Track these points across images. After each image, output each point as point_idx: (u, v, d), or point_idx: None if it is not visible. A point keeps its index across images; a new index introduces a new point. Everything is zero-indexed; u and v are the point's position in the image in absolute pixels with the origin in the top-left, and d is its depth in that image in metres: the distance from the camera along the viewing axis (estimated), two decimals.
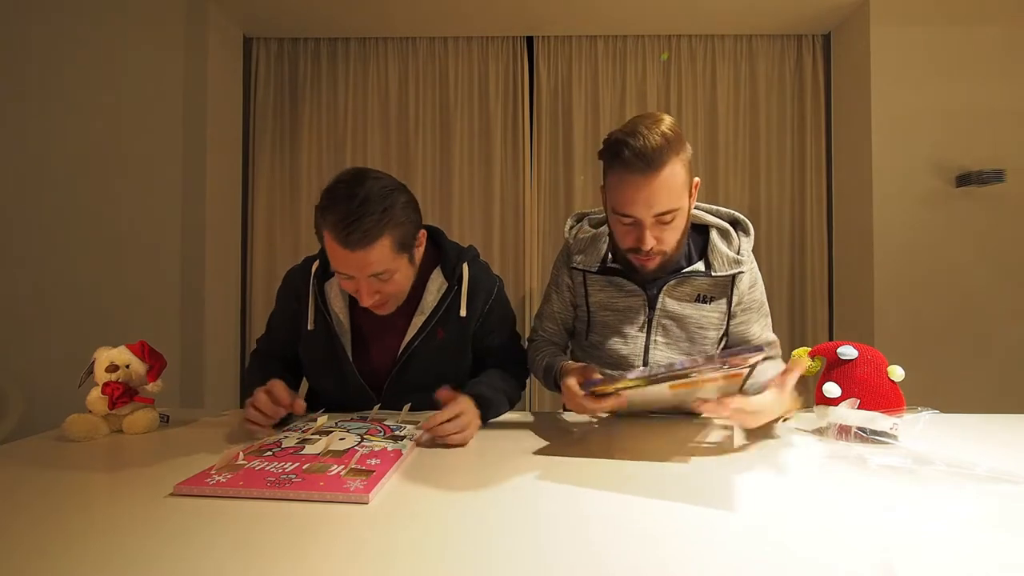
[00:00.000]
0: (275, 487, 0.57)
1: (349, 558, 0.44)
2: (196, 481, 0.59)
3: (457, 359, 1.03)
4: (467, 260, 1.02)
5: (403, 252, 0.88)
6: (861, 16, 2.21)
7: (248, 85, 2.49)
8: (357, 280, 0.86)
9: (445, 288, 0.99)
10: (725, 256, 0.99)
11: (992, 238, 2.10)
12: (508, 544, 0.47)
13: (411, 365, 0.99)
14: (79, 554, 0.45)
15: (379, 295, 0.89)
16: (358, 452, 0.69)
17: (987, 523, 0.51)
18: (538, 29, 2.45)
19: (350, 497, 0.55)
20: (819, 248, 2.45)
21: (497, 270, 2.47)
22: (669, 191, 0.85)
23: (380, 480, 0.59)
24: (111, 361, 0.87)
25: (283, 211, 2.49)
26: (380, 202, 0.83)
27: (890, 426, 0.77)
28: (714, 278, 0.99)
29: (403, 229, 0.87)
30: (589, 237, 1.06)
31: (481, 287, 1.02)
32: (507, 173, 2.48)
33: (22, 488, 0.61)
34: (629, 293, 1.03)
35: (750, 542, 0.47)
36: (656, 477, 0.64)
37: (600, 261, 1.04)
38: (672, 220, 0.88)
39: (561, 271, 1.10)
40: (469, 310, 0.99)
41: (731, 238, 1.02)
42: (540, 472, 0.66)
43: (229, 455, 0.65)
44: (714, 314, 1.02)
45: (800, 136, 2.46)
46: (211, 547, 0.46)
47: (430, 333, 0.98)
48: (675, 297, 1.01)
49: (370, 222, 0.81)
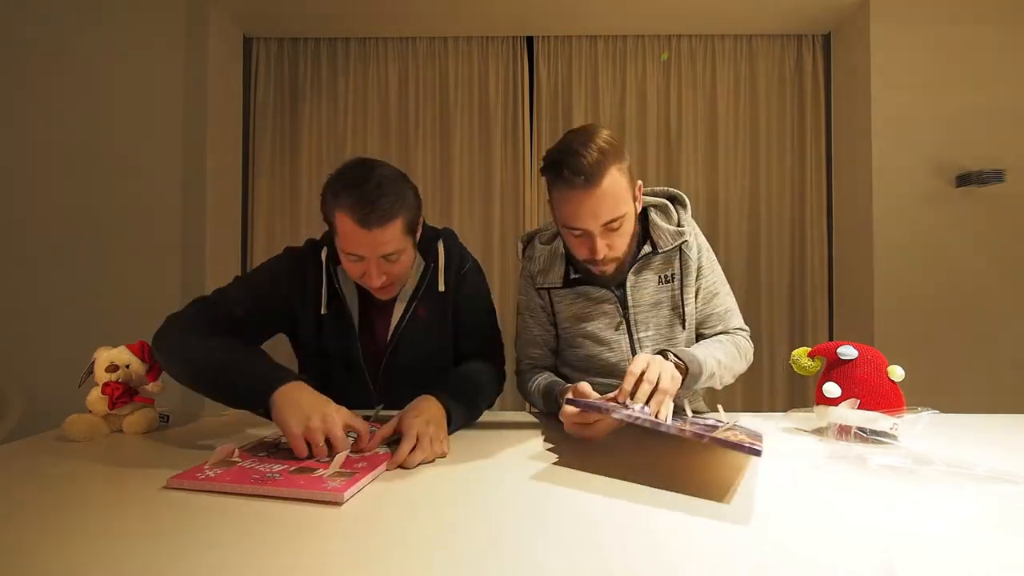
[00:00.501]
0: (257, 484, 0.58)
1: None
2: (188, 475, 0.61)
3: (442, 337, 1.06)
4: (443, 237, 1.06)
5: (410, 235, 0.92)
6: (861, 16, 2.21)
7: (248, 85, 2.49)
8: (367, 262, 0.88)
9: (423, 267, 1.02)
10: (666, 231, 1.01)
11: (992, 238, 2.10)
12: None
13: (401, 348, 1.02)
14: (79, 553, 0.45)
15: (387, 276, 0.92)
16: (344, 454, 0.68)
17: (987, 523, 0.51)
18: (538, 29, 2.45)
19: (324, 496, 0.55)
20: (819, 248, 2.45)
21: (497, 270, 2.48)
22: (613, 200, 0.88)
23: (358, 482, 0.59)
24: (111, 361, 0.87)
25: (283, 211, 2.49)
26: (394, 185, 0.88)
27: (890, 426, 0.77)
28: (663, 253, 1.01)
29: (413, 213, 0.92)
30: (546, 255, 1.07)
31: (455, 260, 1.05)
32: (507, 173, 2.48)
33: (22, 488, 0.61)
34: (599, 300, 1.04)
35: (750, 542, 0.47)
36: (652, 476, 0.64)
37: (563, 276, 1.05)
38: (620, 227, 0.91)
39: (529, 294, 1.10)
40: (446, 282, 1.03)
41: (670, 213, 1.04)
42: (526, 475, 0.66)
43: (224, 451, 0.66)
44: (679, 291, 1.04)
45: (800, 136, 2.46)
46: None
47: (413, 313, 1.01)
48: (641, 286, 1.03)
49: (387, 202, 0.85)
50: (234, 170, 2.43)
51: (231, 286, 0.98)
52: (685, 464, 0.70)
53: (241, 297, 0.95)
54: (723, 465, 0.69)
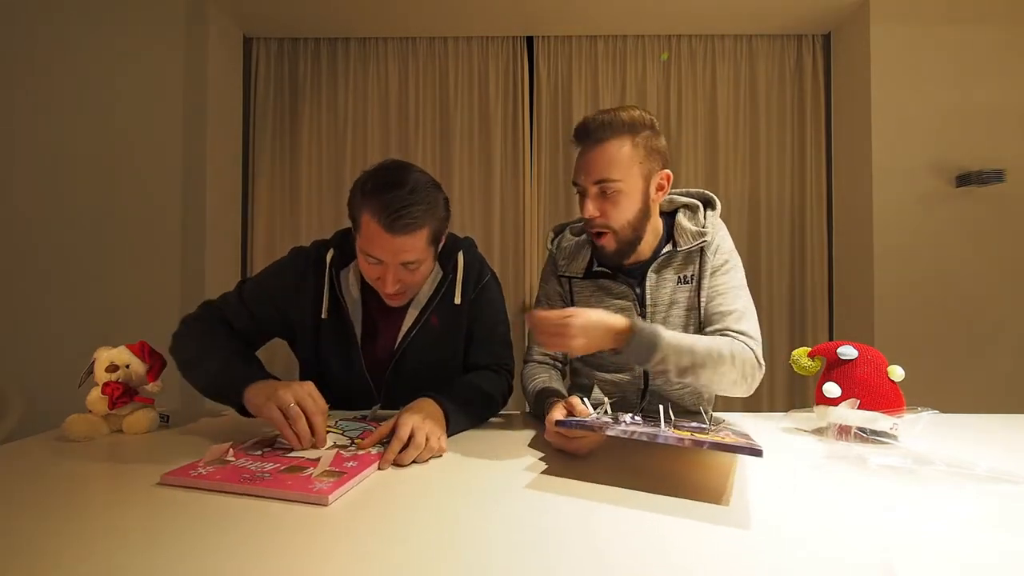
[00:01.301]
0: (245, 483, 0.58)
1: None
2: (181, 472, 0.61)
3: (453, 347, 1.04)
4: (463, 248, 1.04)
5: (433, 245, 0.91)
6: (861, 16, 2.21)
7: (248, 85, 2.49)
8: (385, 267, 0.87)
9: (440, 277, 1.01)
10: (689, 231, 1.00)
11: (992, 238, 2.10)
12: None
13: (408, 355, 1.00)
14: (79, 553, 0.45)
15: (401, 284, 0.90)
16: (334, 452, 0.68)
17: (987, 523, 0.51)
18: (538, 29, 2.45)
19: (309, 498, 0.55)
20: (819, 248, 2.45)
21: (497, 270, 2.46)
22: (608, 163, 0.92)
23: (345, 484, 0.59)
24: (111, 361, 0.87)
25: (283, 211, 2.49)
26: (427, 193, 0.86)
27: (890, 426, 0.77)
28: (683, 251, 1.00)
29: (440, 224, 0.90)
30: (573, 245, 1.09)
31: (473, 273, 1.04)
32: (507, 173, 2.48)
33: (22, 488, 0.61)
34: (618, 294, 1.03)
35: (750, 542, 0.47)
36: (652, 476, 0.64)
37: (586, 267, 1.06)
38: (614, 195, 0.93)
39: (550, 281, 1.11)
40: (463, 296, 1.01)
41: (697, 214, 1.03)
42: (521, 477, 0.66)
43: (219, 450, 0.66)
44: (695, 292, 1.02)
45: (800, 136, 2.46)
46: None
47: (425, 322, 0.99)
48: (661, 285, 1.02)
49: (418, 211, 0.84)
50: (234, 170, 2.43)
51: (233, 293, 1.00)
52: (682, 467, 0.70)
53: (238, 306, 0.98)
54: (716, 466, 0.69)
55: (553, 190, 2.48)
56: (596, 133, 0.92)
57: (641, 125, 0.94)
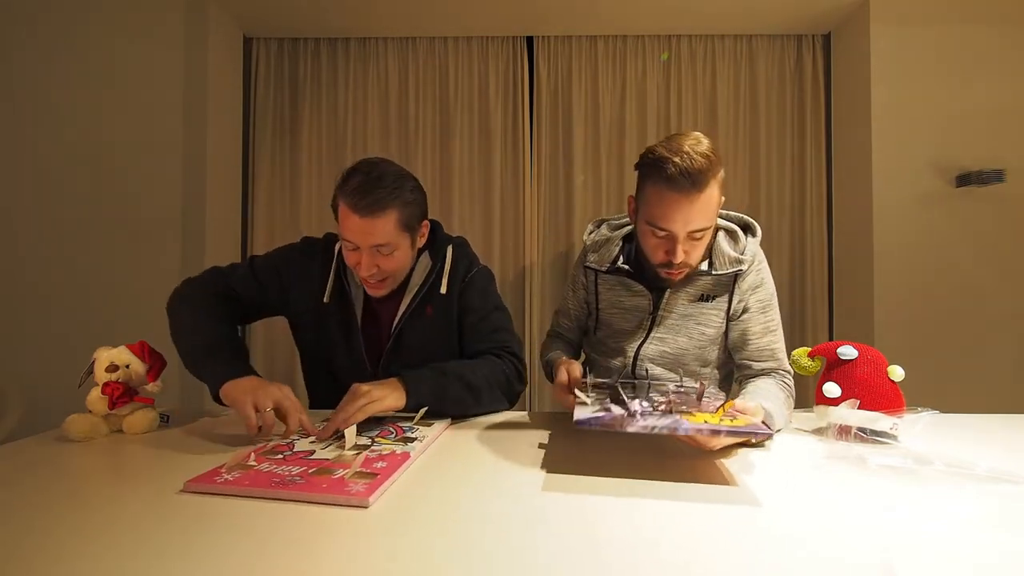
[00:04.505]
0: (279, 487, 0.58)
1: (347, 561, 0.44)
2: (206, 479, 0.60)
3: (446, 338, 1.08)
4: (453, 244, 1.12)
5: (406, 231, 0.97)
6: (861, 16, 2.21)
7: (248, 85, 2.49)
8: (360, 251, 0.94)
9: (430, 268, 1.07)
10: (727, 256, 1.01)
11: (992, 238, 2.10)
12: (508, 552, 0.46)
13: (403, 342, 1.05)
14: (79, 553, 0.45)
15: (377, 269, 0.95)
16: (363, 455, 0.69)
17: (987, 523, 0.51)
18: (538, 29, 2.45)
19: (350, 500, 0.55)
20: (819, 248, 2.44)
21: (497, 270, 2.48)
22: (705, 210, 0.89)
23: (382, 484, 0.59)
24: (111, 361, 0.87)
25: (283, 211, 2.49)
26: (393, 180, 0.94)
27: (890, 426, 0.77)
28: (715, 276, 1.02)
29: (410, 209, 0.96)
30: (604, 239, 1.12)
31: (462, 265, 1.09)
32: (507, 173, 2.48)
33: (22, 488, 0.61)
34: (636, 293, 1.08)
35: (750, 542, 0.47)
36: (656, 478, 0.64)
37: (611, 262, 1.08)
38: (703, 237, 0.92)
39: (578, 270, 1.18)
40: (449, 287, 1.06)
41: (737, 239, 1.04)
42: (545, 477, 0.66)
43: (240, 455, 0.66)
44: (714, 312, 1.04)
45: (800, 136, 2.46)
46: (215, 544, 0.46)
47: (418, 310, 1.05)
48: (679, 298, 1.05)
49: (383, 193, 0.91)
50: (234, 170, 2.42)
51: (243, 264, 1.09)
52: (689, 464, 0.70)
53: (247, 277, 1.06)
54: (723, 465, 0.69)
55: (553, 190, 2.48)
56: (698, 181, 0.85)
57: (720, 160, 0.89)
